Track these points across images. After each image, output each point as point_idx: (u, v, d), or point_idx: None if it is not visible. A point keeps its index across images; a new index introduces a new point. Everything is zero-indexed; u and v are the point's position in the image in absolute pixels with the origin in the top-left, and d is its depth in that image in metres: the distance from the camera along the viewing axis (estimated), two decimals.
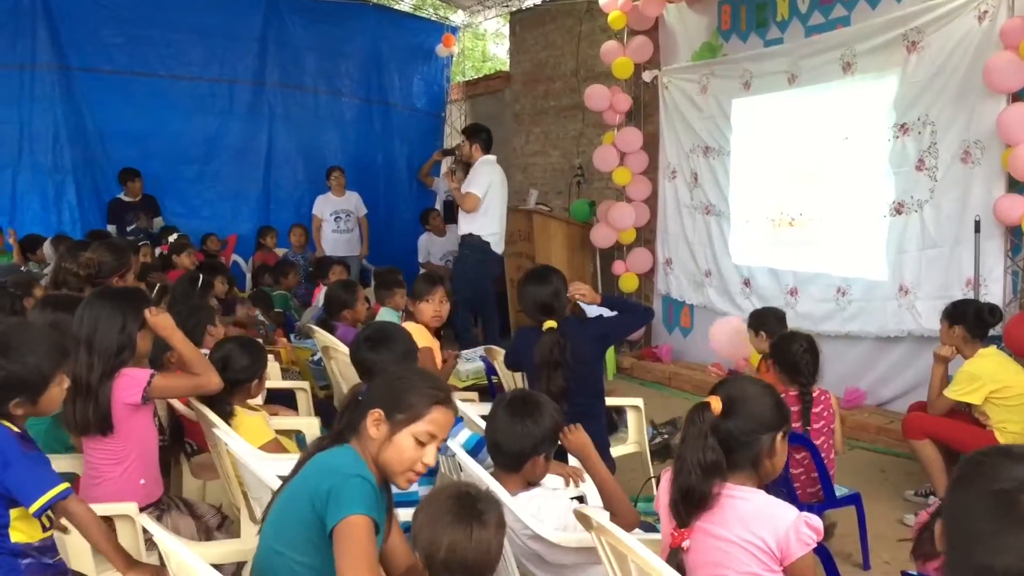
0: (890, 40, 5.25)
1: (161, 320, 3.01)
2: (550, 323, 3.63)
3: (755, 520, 1.99)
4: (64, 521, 2.44)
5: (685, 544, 2.05)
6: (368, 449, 2.07)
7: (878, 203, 5.42)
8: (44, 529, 2.38)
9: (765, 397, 2.14)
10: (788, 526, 1.95)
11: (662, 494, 2.16)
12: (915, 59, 5.13)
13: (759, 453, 2.08)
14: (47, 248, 6.98)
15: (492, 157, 6.79)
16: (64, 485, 2.34)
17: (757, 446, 2.08)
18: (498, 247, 6.83)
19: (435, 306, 4.27)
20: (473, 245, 6.70)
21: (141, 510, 2.80)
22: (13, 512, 2.31)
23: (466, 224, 6.70)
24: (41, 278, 5.69)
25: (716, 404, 2.08)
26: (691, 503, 2.04)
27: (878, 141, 5.40)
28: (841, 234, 5.72)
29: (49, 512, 2.36)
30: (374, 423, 2.06)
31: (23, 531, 2.33)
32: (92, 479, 2.88)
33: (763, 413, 2.10)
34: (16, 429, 2.36)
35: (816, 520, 1.98)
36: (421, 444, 2.06)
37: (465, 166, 6.92)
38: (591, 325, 3.88)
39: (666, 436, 4.60)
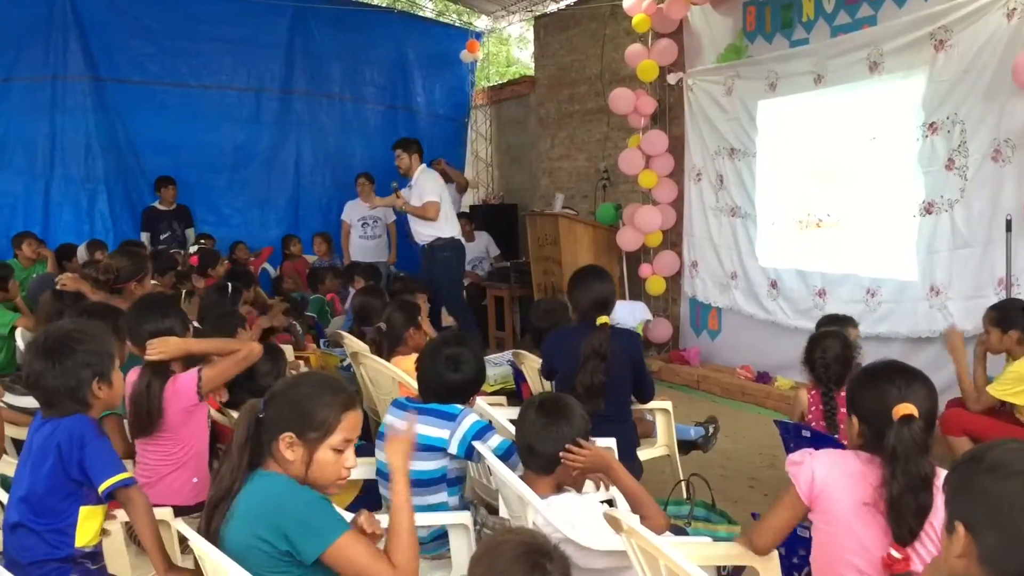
0: (917, 39, 5.21)
1: (165, 346, 3.01)
2: (604, 319, 3.73)
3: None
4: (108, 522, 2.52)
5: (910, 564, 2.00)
6: (289, 470, 2.05)
7: (907, 203, 5.38)
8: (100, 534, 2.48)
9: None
10: None
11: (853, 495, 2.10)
12: (943, 58, 5.09)
13: None
14: (81, 252, 7.09)
15: (424, 164, 7.20)
16: (130, 474, 2.44)
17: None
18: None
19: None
20: (451, 246, 7.11)
21: (193, 508, 2.87)
22: (82, 511, 2.41)
23: (432, 230, 7.03)
24: None
25: (911, 409, 2.05)
26: (917, 515, 2.01)
27: (907, 141, 5.36)
28: (870, 235, 5.68)
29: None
30: (287, 447, 2.03)
31: (84, 533, 2.42)
32: (147, 479, 2.96)
33: None
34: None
35: None
36: (340, 452, 2.07)
37: None
38: (634, 338, 3.97)
39: (713, 429, 4.58)
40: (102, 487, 2.36)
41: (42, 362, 2.42)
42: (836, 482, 2.12)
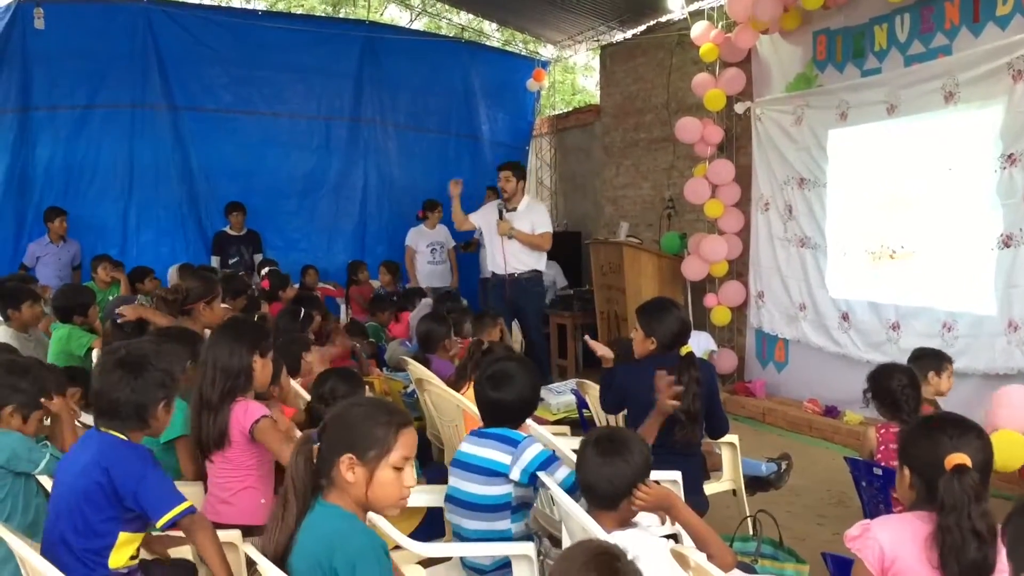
0: (995, 69, 5.09)
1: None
2: (688, 347, 3.69)
3: None
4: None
5: None
6: (350, 495, 2.05)
7: (985, 235, 5.23)
8: (132, 558, 2.47)
9: None
10: None
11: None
12: (1021, 88, 4.96)
13: None
14: (172, 275, 7.30)
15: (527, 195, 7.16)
16: (189, 503, 2.42)
17: None
18: None
19: None
20: (541, 279, 7.15)
21: (262, 528, 2.90)
22: (121, 536, 2.40)
23: (534, 261, 6.94)
24: None
25: (963, 459, 1.98)
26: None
27: (984, 172, 5.22)
28: (946, 267, 5.53)
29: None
30: (348, 469, 2.03)
31: (119, 556, 2.42)
32: (219, 497, 3.01)
33: None
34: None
35: None
36: (399, 470, 2.07)
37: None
38: (710, 369, 3.93)
39: (786, 466, 4.48)
40: (161, 522, 2.35)
41: (118, 374, 2.42)
42: (908, 552, 2.00)
